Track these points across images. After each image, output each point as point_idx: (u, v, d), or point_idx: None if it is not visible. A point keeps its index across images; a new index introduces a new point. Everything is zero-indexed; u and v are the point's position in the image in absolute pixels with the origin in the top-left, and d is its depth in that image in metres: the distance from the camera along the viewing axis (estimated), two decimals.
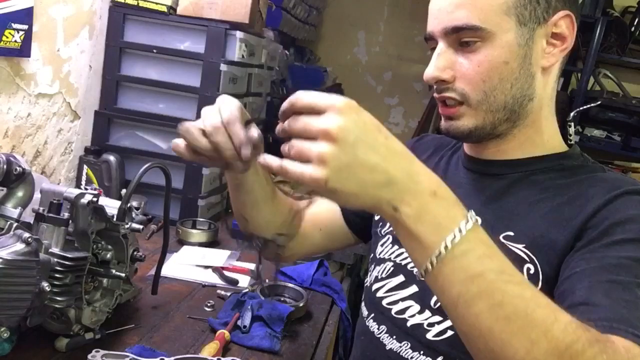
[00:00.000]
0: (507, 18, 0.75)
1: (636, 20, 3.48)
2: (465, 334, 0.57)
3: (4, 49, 1.31)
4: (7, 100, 1.39)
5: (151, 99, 1.75)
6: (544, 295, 0.56)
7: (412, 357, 0.82)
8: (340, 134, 0.54)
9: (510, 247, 0.74)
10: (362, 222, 1.01)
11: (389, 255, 0.90)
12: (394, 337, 0.85)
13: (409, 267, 0.86)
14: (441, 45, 0.79)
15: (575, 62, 3.83)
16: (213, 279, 1.36)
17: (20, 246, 0.81)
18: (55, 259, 0.88)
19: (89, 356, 0.87)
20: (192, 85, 1.70)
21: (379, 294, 0.89)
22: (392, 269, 0.88)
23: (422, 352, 0.81)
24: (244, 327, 1.09)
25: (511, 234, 0.75)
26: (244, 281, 1.37)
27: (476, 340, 0.56)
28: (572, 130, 3.24)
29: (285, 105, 0.58)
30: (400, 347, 0.83)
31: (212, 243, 1.62)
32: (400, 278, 0.87)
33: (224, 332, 1.04)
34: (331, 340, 1.27)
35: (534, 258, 0.73)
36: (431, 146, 0.99)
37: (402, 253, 0.88)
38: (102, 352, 0.88)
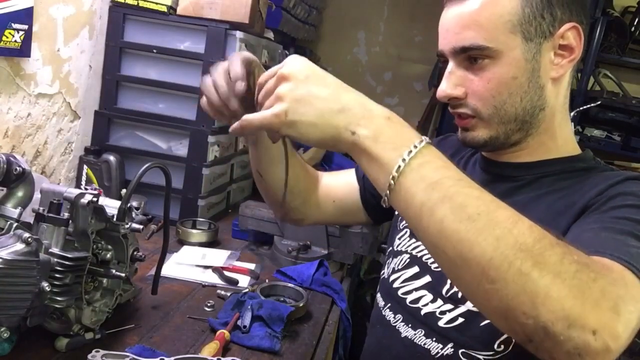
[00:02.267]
0: (513, 36, 0.77)
1: (636, 20, 3.48)
2: (434, 244, 0.59)
3: (4, 49, 1.31)
4: (7, 100, 1.39)
5: (151, 99, 1.75)
6: (506, 210, 0.58)
7: (425, 344, 0.85)
8: (292, 74, 0.63)
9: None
10: (377, 203, 1.02)
11: (406, 247, 0.95)
12: (409, 325, 0.89)
13: (423, 258, 0.91)
14: (451, 64, 0.83)
15: None
16: (213, 279, 1.36)
17: (20, 246, 0.81)
18: (55, 259, 0.88)
19: (89, 356, 0.87)
20: (192, 85, 1.70)
21: (395, 284, 0.93)
22: (407, 260, 0.93)
23: (434, 339, 0.84)
24: (244, 327, 1.09)
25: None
26: (244, 281, 1.37)
27: (444, 247, 0.57)
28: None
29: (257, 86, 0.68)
30: (415, 334, 0.87)
31: (212, 243, 1.62)
32: (415, 269, 0.91)
33: (224, 332, 1.04)
34: (331, 340, 1.27)
35: None
36: (454, 145, 1.03)
37: (418, 246, 0.92)
38: (102, 352, 0.88)
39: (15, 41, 1.33)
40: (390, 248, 1.02)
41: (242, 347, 1.06)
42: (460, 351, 0.81)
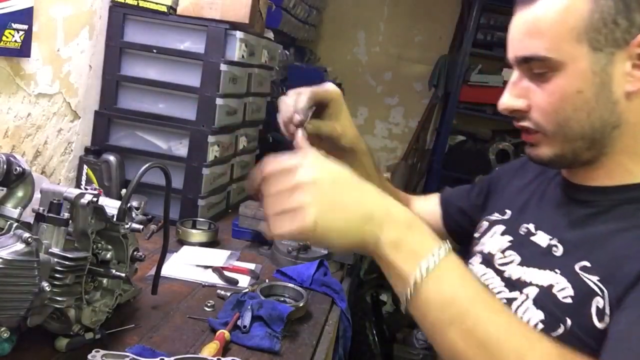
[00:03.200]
0: (579, 45, 0.70)
1: None
2: (449, 357, 0.59)
3: (4, 49, 1.31)
4: (7, 100, 1.39)
5: (151, 99, 1.75)
6: (523, 323, 0.58)
7: None
8: (316, 181, 0.59)
9: (584, 278, 0.70)
10: (457, 226, 1.07)
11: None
12: None
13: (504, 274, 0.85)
14: (515, 74, 0.77)
15: None
16: (213, 279, 1.36)
17: (20, 246, 0.81)
18: (55, 259, 0.88)
19: (89, 356, 0.87)
20: (192, 85, 1.70)
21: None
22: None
23: None
24: (244, 327, 1.09)
25: (588, 264, 0.71)
26: (244, 281, 1.37)
27: None
28: None
29: (257, 174, 0.63)
30: None
31: (212, 243, 1.62)
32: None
33: (224, 332, 1.04)
34: (331, 340, 1.27)
35: (605, 292, 0.68)
36: (539, 166, 0.97)
37: (486, 273, 0.88)
38: (102, 352, 0.88)
39: (15, 41, 1.33)
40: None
41: (242, 347, 1.06)
42: None
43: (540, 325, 0.71)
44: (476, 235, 0.96)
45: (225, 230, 1.74)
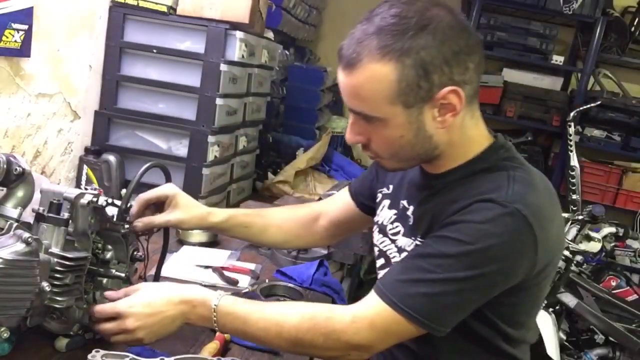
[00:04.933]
0: (394, 106, 0.85)
1: (636, 20, 3.48)
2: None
3: (4, 49, 1.31)
4: (7, 100, 1.39)
5: (151, 99, 1.75)
6: (283, 306, 0.97)
7: None
8: (139, 328, 0.91)
9: (420, 242, 0.93)
10: (370, 202, 1.16)
11: (377, 242, 1.09)
12: None
13: (387, 252, 1.03)
14: (352, 116, 0.92)
15: (575, 62, 3.83)
16: (213, 279, 1.36)
17: (20, 246, 0.81)
18: (55, 259, 0.88)
19: (89, 356, 0.87)
20: (192, 85, 1.70)
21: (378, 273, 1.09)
22: (377, 252, 1.08)
23: None
24: None
25: (420, 239, 0.94)
26: (244, 281, 1.37)
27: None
28: (572, 130, 3.24)
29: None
30: None
31: (212, 243, 1.62)
32: (382, 261, 1.05)
33: None
34: None
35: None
36: None
37: (384, 241, 1.05)
38: (102, 352, 0.88)
39: (15, 41, 1.34)
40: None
41: (242, 347, 1.06)
42: None
43: None
44: (376, 207, 1.12)
45: None
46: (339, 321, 0.87)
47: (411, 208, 0.99)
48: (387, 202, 1.08)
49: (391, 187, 1.08)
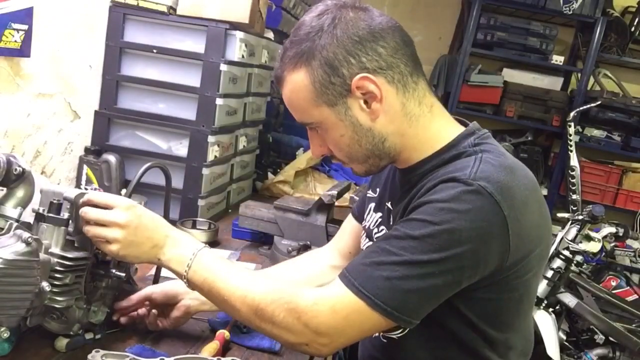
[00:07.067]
0: (320, 108, 0.89)
1: (636, 20, 3.48)
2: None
3: (4, 49, 1.31)
4: (7, 100, 1.39)
5: (151, 99, 1.75)
6: (242, 286, 0.88)
7: None
8: (125, 225, 0.89)
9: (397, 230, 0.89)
10: None
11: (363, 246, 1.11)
12: None
13: None
14: (307, 131, 0.96)
15: (575, 62, 3.83)
16: None
17: (20, 246, 0.81)
18: (55, 259, 0.88)
19: (89, 356, 0.87)
20: (192, 85, 1.70)
21: None
22: None
23: None
24: (244, 327, 1.09)
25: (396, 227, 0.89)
26: None
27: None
28: (572, 130, 3.24)
29: (83, 200, 0.91)
30: None
31: (212, 243, 1.62)
32: None
33: (224, 332, 1.05)
34: None
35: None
36: None
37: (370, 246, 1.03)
38: (102, 352, 0.88)
39: (15, 41, 1.34)
40: None
41: (242, 347, 1.06)
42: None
43: None
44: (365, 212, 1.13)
45: (225, 230, 1.74)
46: (302, 300, 0.84)
47: (393, 208, 1.00)
48: (372, 205, 1.09)
49: (378, 190, 1.10)
